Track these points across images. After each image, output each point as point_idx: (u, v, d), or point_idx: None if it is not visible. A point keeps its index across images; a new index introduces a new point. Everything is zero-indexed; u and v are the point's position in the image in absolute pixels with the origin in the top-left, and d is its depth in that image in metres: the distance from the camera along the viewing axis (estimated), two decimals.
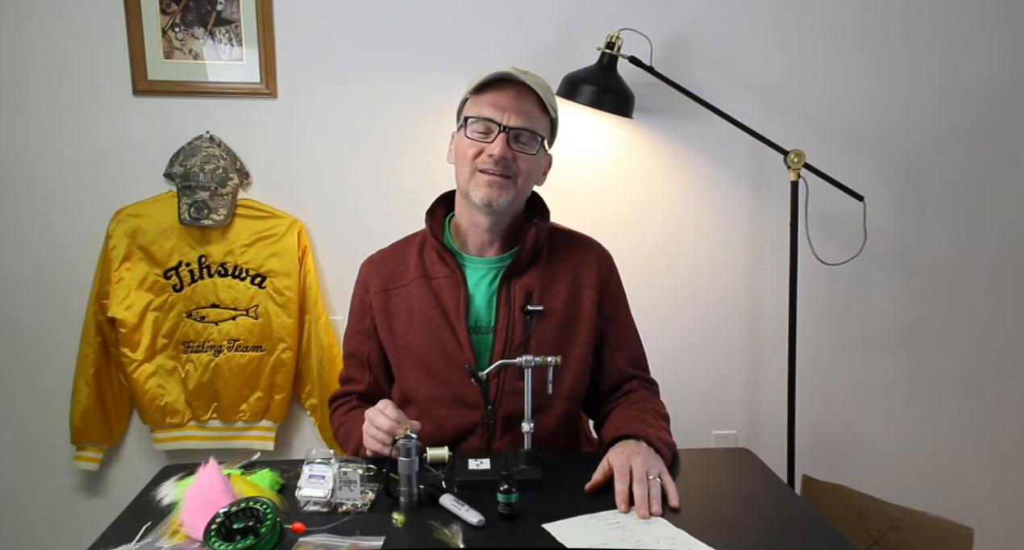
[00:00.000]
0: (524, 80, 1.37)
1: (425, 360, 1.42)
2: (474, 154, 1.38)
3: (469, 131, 1.39)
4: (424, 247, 1.50)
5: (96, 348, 2.12)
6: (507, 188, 1.39)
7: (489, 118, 1.37)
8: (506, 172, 1.37)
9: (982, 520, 1.93)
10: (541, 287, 1.44)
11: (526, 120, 1.38)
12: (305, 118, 2.17)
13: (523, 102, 1.38)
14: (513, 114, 1.37)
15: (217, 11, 2.10)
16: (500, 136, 1.36)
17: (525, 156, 1.39)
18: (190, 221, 2.08)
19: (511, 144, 1.37)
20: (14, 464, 2.21)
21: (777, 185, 2.25)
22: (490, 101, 1.37)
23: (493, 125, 1.37)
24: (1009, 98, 2.31)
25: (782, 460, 2.17)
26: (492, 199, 1.38)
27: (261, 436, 2.19)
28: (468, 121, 1.39)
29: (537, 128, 1.40)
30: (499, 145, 1.36)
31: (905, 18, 2.26)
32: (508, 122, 1.37)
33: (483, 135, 1.38)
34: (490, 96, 1.38)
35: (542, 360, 1.29)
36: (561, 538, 1.06)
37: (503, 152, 1.36)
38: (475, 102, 1.40)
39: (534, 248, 1.45)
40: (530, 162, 1.40)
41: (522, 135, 1.38)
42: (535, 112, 1.40)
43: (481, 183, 1.38)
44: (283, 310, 2.15)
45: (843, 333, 2.37)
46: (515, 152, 1.37)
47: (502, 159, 1.36)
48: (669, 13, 2.21)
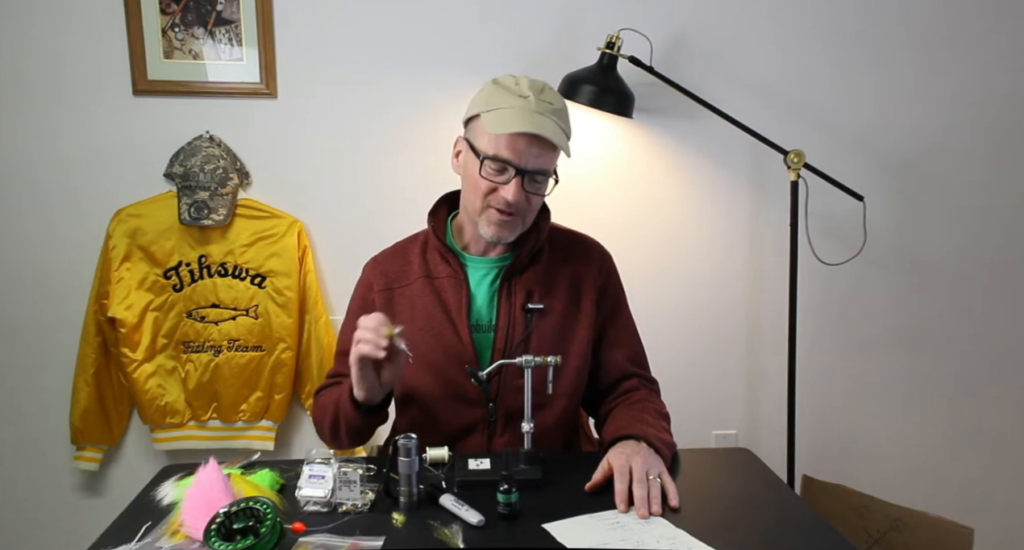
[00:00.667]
0: (545, 136, 1.32)
1: (427, 358, 1.42)
2: (487, 190, 1.36)
3: (484, 170, 1.36)
4: (427, 247, 1.50)
5: (96, 348, 2.12)
6: (516, 227, 1.40)
7: (506, 160, 1.34)
8: (516, 211, 1.37)
9: (982, 520, 1.93)
10: (541, 286, 1.44)
11: (543, 161, 1.36)
12: (305, 118, 2.17)
13: (543, 146, 1.35)
14: (530, 157, 1.34)
15: (217, 11, 2.10)
16: (515, 180, 1.34)
17: (536, 197, 1.39)
18: (190, 221, 2.08)
19: (525, 186, 1.35)
20: (14, 464, 2.21)
21: (777, 185, 2.25)
22: (507, 142, 1.33)
23: (509, 166, 1.34)
24: (1009, 98, 2.31)
25: (782, 460, 2.17)
26: (501, 237, 1.40)
27: (261, 436, 2.20)
28: (483, 160, 1.35)
29: (551, 165, 1.39)
30: (514, 190, 1.34)
31: (905, 18, 2.26)
32: (526, 165, 1.34)
33: (497, 173, 1.35)
34: (509, 136, 1.33)
35: (542, 360, 1.29)
36: (561, 538, 1.06)
37: (517, 198, 1.34)
38: (492, 139, 1.35)
39: (535, 247, 1.46)
40: (540, 200, 1.41)
41: (537, 176, 1.37)
42: (552, 154, 1.37)
43: (492, 221, 1.38)
44: (283, 310, 2.15)
45: (843, 333, 2.37)
46: (527, 193, 1.37)
47: (516, 203, 1.35)
48: (669, 13, 2.21)
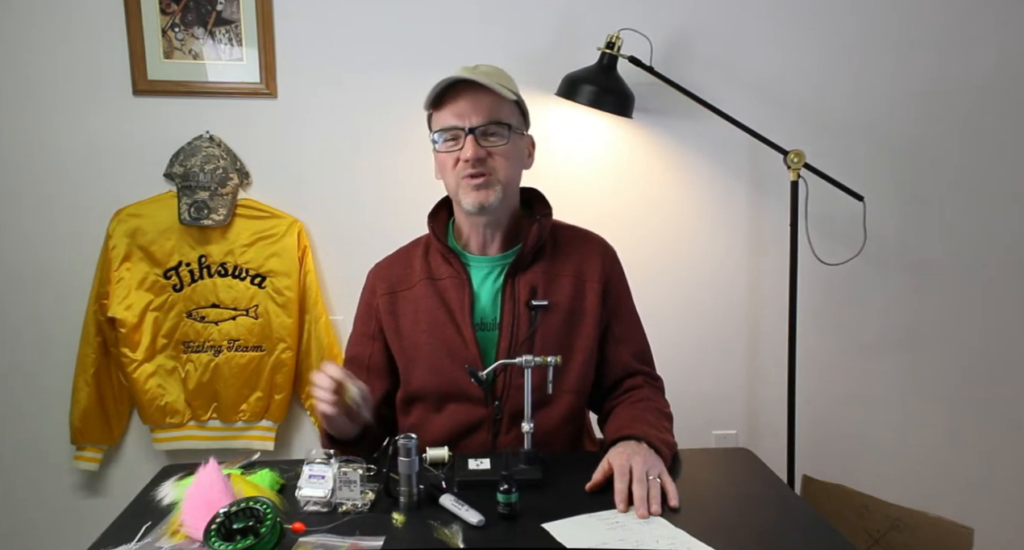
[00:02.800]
0: (472, 78, 1.37)
1: (432, 359, 1.42)
2: (452, 164, 1.40)
3: (440, 145, 1.41)
4: (429, 250, 1.51)
5: (96, 348, 2.12)
6: (493, 186, 1.40)
7: (452, 126, 1.39)
8: (484, 170, 1.38)
9: (982, 520, 1.93)
10: (545, 282, 1.45)
11: (488, 114, 1.39)
12: (305, 118, 2.17)
13: (480, 100, 1.38)
14: (473, 114, 1.38)
15: (217, 11, 2.10)
16: (468, 138, 1.37)
17: (498, 148, 1.40)
18: (190, 221, 2.08)
19: (480, 143, 1.38)
20: (14, 464, 2.21)
21: (777, 185, 2.25)
22: (449, 110, 1.39)
23: (459, 131, 1.38)
24: (1009, 98, 2.31)
25: (782, 460, 2.17)
26: (483, 201, 1.39)
27: (261, 436, 2.20)
28: (437, 137, 1.42)
29: (501, 117, 1.40)
30: (470, 147, 1.37)
31: (905, 18, 2.26)
32: (471, 123, 1.38)
33: (453, 144, 1.40)
34: (448, 106, 1.39)
35: (542, 360, 1.29)
36: (561, 538, 1.06)
37: (475, 152, 1.37)
38: (436, 117, 1.42)
39: (537, 244, 1.46)
40: (505, 152, 1.41)
41: (488, 129, 1.39)
42: (495, 104, 1.40)
43: (468, 189, 1.39)
44: (283, 310, 2.15)
45: (843, 333, 2.37)
46: (487, 149, 1.39)
47: (476, 159, 1.37)
48: (669, 13, 2.21)
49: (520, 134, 1.46)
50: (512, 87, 1.44)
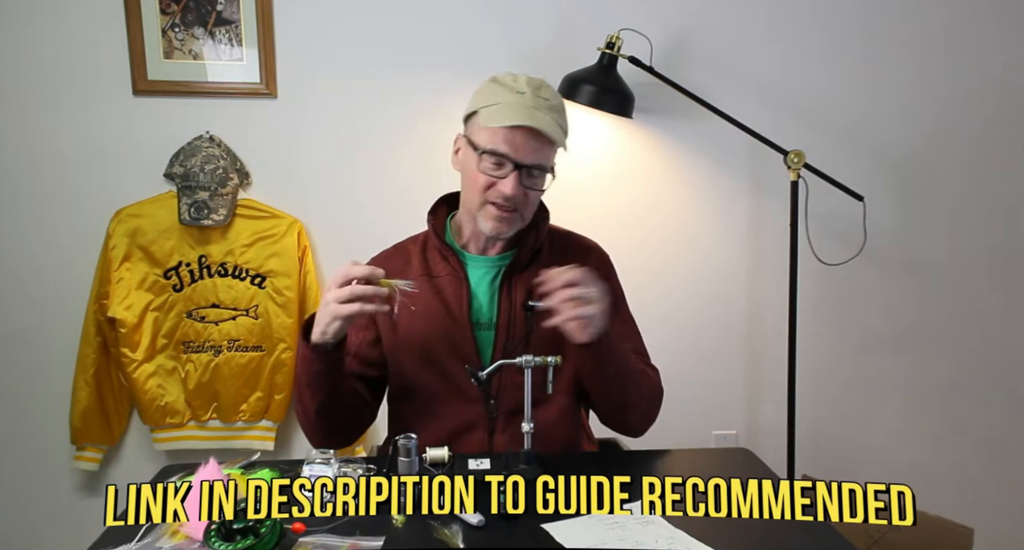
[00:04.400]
0: (541, 129, 1.34)
1: (428, 352, 1.42)
2: (485, 185, 1.38)
3: (482, 165, 1.37)
4: (427, 246, 1.51)
5: (96, 348, 2.12)
6: (514, 222, 1.41)
7: (504, 155, 1.35)
8: (515, 207, 1.38)
9: (982, 520, 1.93)
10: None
11: (540, 156, 1.37)
12: (305, 118, 2.17)
13: (540, 138, 1.36)
14: (527, 151, 1.35)
15: (217, 11, 2.10)
16: (513, 174, 1.35)
17: (534, 191, 1.40)
18: (190, 221, 2.08)
19: (523, 182, 1.37)
20: (14, 464, 2.21)
21: (777, 185, 2.25)
22: (505, 136, 1.35)
23: (507, 161, 1.36)
24: (1009, 98, 2.31)
25: (782, 460, 2.17)
26: (500, 232, 1.41)
27: (261, 436, 2.20)
28: (481, 153, 1.37)
29: (549, 160, 1.40)
30: (511, 184, 1.35)
31: (905, 19, 2.26)
32: (523, 160, 1.35)
33: (495, 167, 1.37)
34: (506, 130, 1.35)
35: (542, 360, 1.29)
36: (560, 538, 1.07)
37: (515, 192, 1.36)
38: (490, 131, 1.36)
39: (535, 247, 1.46)
40: (538, 195, 1.42)
41: (534, 171, 1.38)
42: (550, 148, 1.39)
43: (491, 216, 1.39)
44: (283, 310, 2.15)
45: (843, 333, 2.37)
46: (525, 188, 1.38)
47: (514, 198, 1.36)
48: (669, 13, 2.21)
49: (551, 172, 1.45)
50: (567, 125, 1.42)
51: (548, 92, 1.40)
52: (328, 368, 1.33)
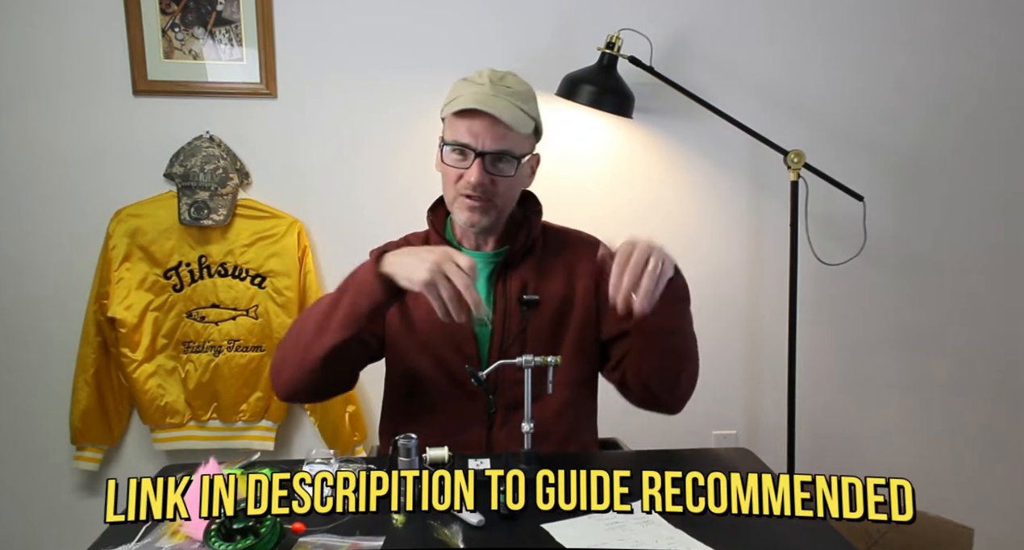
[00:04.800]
0: (492, 113, 1.33)
1: (431, 345, 1.42)
2: (454, 178, 1.38)
3: (446, 157, 1.39)
4: (428, 242, 1.51)
5: (96, 348, 2.12)
6: (488, 211, 1.39)
7: (464, 144, 1.36)
8: (484, 196, 1.37)
9: (982, 520, 1.92)
10: (536, 278, 1.45)
11: (502, 142, 1.36)
12: (305, 118, 2.17)
13: (498, 126, 1.35)
14: (488, 139, 1.35)
15: (217, 11, 2.10)
16: (476, 162, 1.35)
17: (503, 178, 1.38)
18: (190, 221, 2.08)
19: (487, 168, 1.36)
20: (14, 464, 2.21)
21: (777, 185, 2.25)
22: (465, 126, 1.36)
23: (469, 150, 1.36)
24: (1009, 98, 2.31)
25: (782, 460, 2.17)
26: (474, 222, 1.39)
27: (261, 436, 2.20)
28: (446, 147, 1.39)
29: (515, 148, 1.38)
30: (475, 172, 1.35)
31: (905, 18, 2.26)
32: (483, 147, 1.35)
33: (460, 159, 1.37)
34: (464, 120, 1.36)
35: (542, 360, 1.29)
36: (560, 538, 1.07)
37: (479, 179, 1.35)
38: (451, 125, 1.38)
39: (527, 243, 1.46)
40: (509, 182, 1.40)
41: (499, 158, 1.37)
42: (512, 131, 1.37)
43: (463, 207, 1.39)
44: (283, 310, 2.15)
45: (843, 333, 2.37)
46: (492, 175, 1.37)
47: (479, 185, 1.36)
48: (669, 13, 2.21)
49: (527, 157, 1.43)
50: (534, 111, 1.41)
51: (512, 81, 1.40)
52: (378, 305, 1.27)
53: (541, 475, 0.97)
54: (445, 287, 1.19)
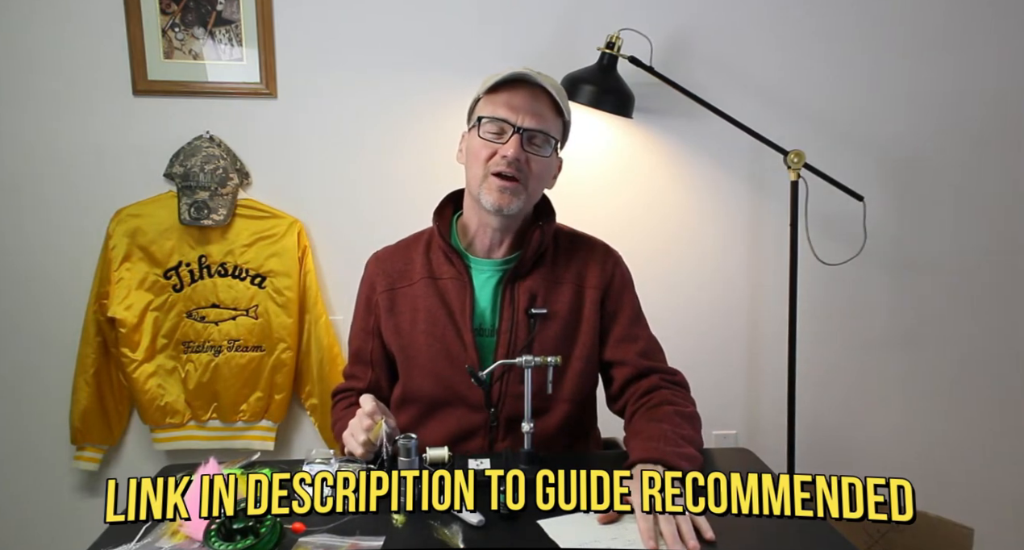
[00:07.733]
0: (540, 81, 1.36)
1: (429, 361, 1.42)
2: (487, 156, 1.37)
3: (482, 131, 1.37)
4: (431, 246, 1.49)
5: (96, 348, 2.12)
6: (518, 193, 1.38)
7: (504, 119, 1.35)
8: (518, 175, 1.36)
9: (982, 520, 1.92)
10: (545, 289, 1.43)
11: (540, 122, 1.36)
12: (305, 118, 2.17)
13: (538, 103, 1.36)
14: (528, 115, 1.35)
15: (217, 11, 2.10)
16: (514, 137, 1.35)
17: (538, 158, 1.38)
18: (190, 221, 2.08)
19: (524, 146, 1.35)
20: (14, 464, 2.21)
21: (777, 185, 2.25)
22: (504, 101, 1.36)
23: (507, 126, 1.35)
24: (1009, 98, 2.31)
25: (782, 460, 2.17)
26: (503, 205, 1.37)
27: (261, 436, 2.20)
28: (481, 121, 1.37)
29: (551, 130, 1.39)
30: (513, 146, 1.34)
31: (905, 18, 2.26)
32: (523, 123, 1.35)
33: (496, 136, 1.36)
34: (504, 96, 1.36)
35: (542, 360, 1.29)
36: (554, 535, 1.07)
37: (517, 153, 1.34)
38: (489, 102, 1.38)
39: (539, 250, 1.44)
40: (542, 165, 1.39)
41: (536, 137, 1.37)
42: (549, 114, 1.38)
43: (493, 188, 1.37)
44: (283, 310, 2.15)
45: (843, 333, 2.37)
46: (528, 154, 1.36)
47: (515, 160, 1.35)
48: (669, 13, 2.21)
49: (556, 154, 1.44)
50: (566, 105, 1.43)
51: (548, 77, 1.42)
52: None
53: (541, 475, 0.98)
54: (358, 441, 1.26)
